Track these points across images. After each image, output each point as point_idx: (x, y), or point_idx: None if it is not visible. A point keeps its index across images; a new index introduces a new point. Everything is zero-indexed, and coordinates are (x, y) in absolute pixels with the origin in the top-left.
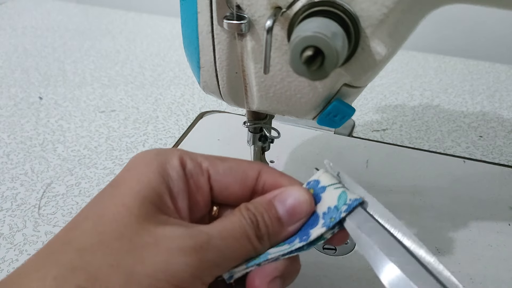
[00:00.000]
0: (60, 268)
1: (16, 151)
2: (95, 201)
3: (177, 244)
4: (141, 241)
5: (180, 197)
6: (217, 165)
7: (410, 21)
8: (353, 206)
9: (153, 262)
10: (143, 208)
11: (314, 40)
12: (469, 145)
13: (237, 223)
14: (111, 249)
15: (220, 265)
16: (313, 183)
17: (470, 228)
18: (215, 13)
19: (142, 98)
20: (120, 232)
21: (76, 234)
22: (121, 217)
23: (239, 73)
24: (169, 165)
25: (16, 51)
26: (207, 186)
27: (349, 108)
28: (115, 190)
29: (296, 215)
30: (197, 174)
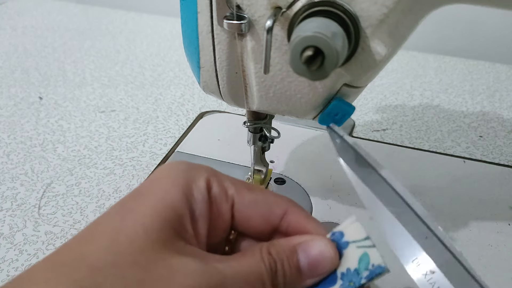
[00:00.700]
0: (70, 285)
1: (16, 151)
2: (114, 213)
3: (190, 281)
4: (155, 273)
5: (200, 221)
6: (243, 194)
7: (410, 21)
8: (375, 273)
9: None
10: (162, 233)
11: (314, 40)
12: (469, 145)
13: (255, 268)
14: (123, 275)
15: None
16: (338, 235)
17: (470, 228)
18: (215, 13)
19: (142, 98)
20: (135, 258)
21: (90, 249)
22: (138, 239)
23: (239, 73)
24: (195, 185)
25: (16, 51)
26: (229, 213)
27: (349, 106)
28: (136, 204)
29: (318, 269)
30: (221, 200)
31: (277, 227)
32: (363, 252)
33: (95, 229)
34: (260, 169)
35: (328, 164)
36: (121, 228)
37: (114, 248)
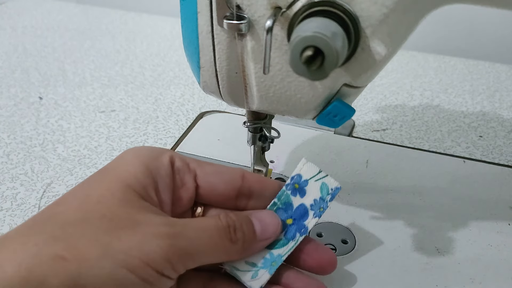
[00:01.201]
0: (42, 236)
1: (16, 151)
2: (84, 184)
3: (152, 229)
4: (120, 223)
5: (165, 192)
6: (204, 166)
7: (410, 21)
8: (335, 194)
9: (128, 241)
10: (127, 194)
11: (314, 40)
12: (469, 145)
13: (213, 223)
14: (91, 226)
15: (192, 256)
16: (296, 177)
17: (470, 227)
18: (215, 13)
19: (142, 98)
20: (102, 213)
21: (62, 209)
22: (105, 200)
23: (239, 73)
24: (158, 161)
25: (16, 51)
26: (192, 183)
27: (349, 109)
28: (103, 176)
29: (268, 233)
30: (183, 172)
31: (240, 191)
32: (321, 182)
33: (66, 196)
34: (260, 169)
35: (328, 164)
36: (89, 193)
37: (83, 206)
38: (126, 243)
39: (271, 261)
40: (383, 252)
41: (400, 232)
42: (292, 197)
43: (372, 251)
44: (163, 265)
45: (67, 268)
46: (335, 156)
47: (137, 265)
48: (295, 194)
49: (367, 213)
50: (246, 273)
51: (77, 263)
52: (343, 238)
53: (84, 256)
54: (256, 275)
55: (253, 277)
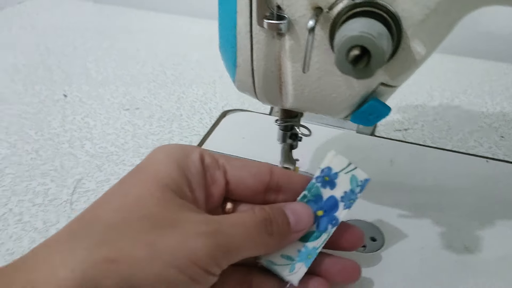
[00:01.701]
0: (90, 241)
1: (44, 148)
2: (120, 184)
3: (193, 227)
4: (161, 222)
5: (197, 189)
6: (232, 162)
7: (449, 21)
8: (364, 186)
9: (172, 240)
10: (164, 193)
11: (361, 40)
12: (491, 145)
13: (248, 218)
14: (134, 227)
15: (233, 252)
16: (327, 170)
17: (497, 226)
18: (255, 13)
19: (165, 96)
20: (143, 213)
21: (102, 212)
22: (144, 200)
23: (275, 72)
24: (189, 159)
25: (38, 49)
26: (223, 179)
27: (385, 107)
28: (139, 175)
29: (301, 224)
30: (213, 168)
31: (269, 186)
32: (351, 175)
33: (104, 197)
34: (288, 167)
35: (353, 162)
36: (128, 193)
37: (124, 207)
38: (170, 242)
39: (307, 254)
40: (412, 250)
41: (428, 230)
42: (322, 189)
43: (400, 248)
44: (208, 263)
45: (119, 270)
46: (359, 155)
47: (184, 264)
48: (325, 186)
49: (394, 211)
50: (283, 267)
51: (128, 264)
52: (372, 236)
53: (133, 257)
54: (293, 268)
55: (291, 271)
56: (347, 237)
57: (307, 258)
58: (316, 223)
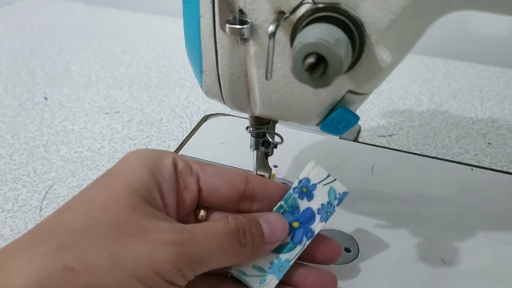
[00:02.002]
0: (50, 246)
1: (19, 152)
2: (89, 188)
3: (160, 236)
4: (127, 230)
5: (168, 195)
6: (206, 168)
7: (417, 27)
8: (342, 199)
9: (137, 249)
10: (133, 199)
11: (317, 47)
12: (477, 152)
13: (221, 227)
14: (98, 234)
15: (202, 262)
16: (305, 181)
17: (477, 238)
18: (218, 17)
19: (147, 99)
20: (109, 219)
21: (68, 217)
22: (111, 205)
23: (242, 78)
24: (162, 164)
25: (22, 51)
26: (195, 186)
27: (354, 116)
28: (108, 180)
29: (276, 235)
30: (186, 174)
31: (244, 192)
32: (329, 187)
33: (72, 202)
34: (263, 174)
35: (333, 169)
36: (95, 198)
37: (89, 213)
38: (134, 251)
39: (279, 266)
40: (387, 261)
41: (405, 242)
42: (299, 200)
43: (375, 260)
44: (172, 273)
45: (77, 279)
46: (340, 162)
47: (147, 274)
48: (302, 197)
49: (372, 221)
50: (254, 278)
51: (87, 273)
52: (346, 247)
53: (94, 266)
54: (264, 280)
55: (261, 283)
56: (323, 250)
57: (279, 271)
58: (291, 235)
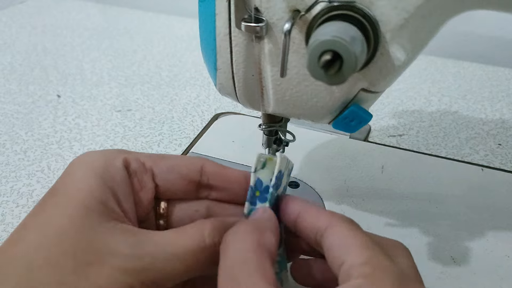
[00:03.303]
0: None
1: (33, 148)
2: (37, 211)
3: (119, 264)
4: (85, 259)
5: (125, 199)
6: (159, 163)
7: (431, 26)
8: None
9: (96, 279)
10: (87, 219)
11: (333, 44)
12: (487, 153)
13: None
14: (56, 267)
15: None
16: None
17: (487, 237)
18: (233, 15)
19: (158, 98)
20: (65, 248)
21: (22, 248)
22: (65, 230)
23: (256, 76)
24: (112, 168)
25: (35, 49)
26: (151, 183)
27: (366, 114)
28: (57, 198)
29: None
30: (141, 173)
31: (200, 183)
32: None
33: (24, 229)
34: None
35: (343, 168)
36: (47, 223)
37: (44, 242)
38: (94, 282)
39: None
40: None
41: (415, 240)
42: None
43: None
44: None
45: None
46: (350, 161)
47: None
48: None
49: (382, 219)
50: None
51: None
52: None
53: None
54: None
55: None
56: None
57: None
58: None
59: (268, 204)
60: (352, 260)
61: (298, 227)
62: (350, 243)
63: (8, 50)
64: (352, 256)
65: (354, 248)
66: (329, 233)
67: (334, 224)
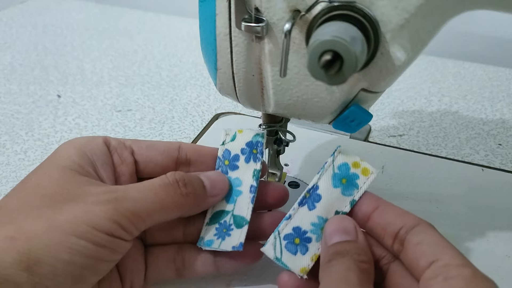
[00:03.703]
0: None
1: (33, 148)
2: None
3: (94, 198)
4: (60, 198)
5: (104, 169)
6: (139, 142)
7: (431, 26)
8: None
9: (72, 211)
10: (64, 174)
11: (333, 44)
12: (487, 153)
13: (158, 181)
14: (34, 207)
15: (141, 216)
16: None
17: (488, 237)
18: (233, 15)
19: (158, 98)
20: (42, 193)
21: (6, 200)
22: (43, 182)
23: (256, 76)
24: (92, 144)
25: (36, 49)
26: (131, 158)
27: (367, 114)
28: (42, 164)
29: (216, 189)
30: (121, 149)
31: (179, 160)
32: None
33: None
34: (275, 172)
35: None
36: (28, 180)
37: (24, 192)
38: (69, 214)
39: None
40: None
41: None
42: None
43: None
44: (111, 227)
45: (18, 245)
46: None
47: (84, 230)
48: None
49: None
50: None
51: (26, 240)
52: None
53: (32, 233)
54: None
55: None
56: (271, 193)
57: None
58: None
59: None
60: (448, 260)
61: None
62: (445, 244)
63: (9, 50)
64: (448, 256)
65: (449, 250)
66: (420, 230)
67: (425, 224)
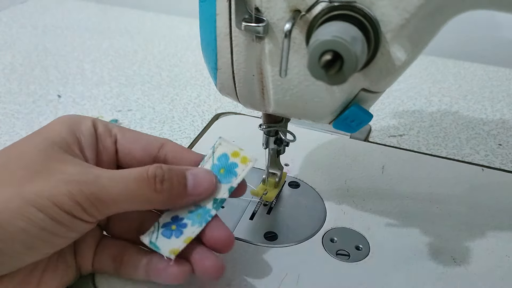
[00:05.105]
0: None
1: None
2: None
3: (65, 176)
4: (35, 169)
5: (89, 150)
6: (125, 132)
7: (431, 26)
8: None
9: (40, 184)
10: (49, 148)
11: (333, 44)
12: (488, 153)
13: (135, 173)
14: (12, 174)
15: (106, 202)
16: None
17: (488, 238)
18: (234, 15)
19: (159, 98)
20: (23, 163)
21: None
22: (27, 152)
23: (256, 76)
24: (82, 124)
25: (36, 49)
26: (113, 147)
27: (367, 114)
28: (30, 136)
29: (200, 188)
30: (105, 136)
31: (156, 158)
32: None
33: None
34: (275, 172)
35: (343, 168)
36: (14, 146)
37: (8, 160)
38: (37, 185)
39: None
40: (398, 260)
41: (415, 240)
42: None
43: (386, 258)
44: (72, 207)
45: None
46: (350, 161)
47: (45, 204)
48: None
49: (382, 219)
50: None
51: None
52: (356, 245)
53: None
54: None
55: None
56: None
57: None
58: None
59: None
60: None
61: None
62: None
63: (9, 50)
64: None
65: None
66: None
67: None
